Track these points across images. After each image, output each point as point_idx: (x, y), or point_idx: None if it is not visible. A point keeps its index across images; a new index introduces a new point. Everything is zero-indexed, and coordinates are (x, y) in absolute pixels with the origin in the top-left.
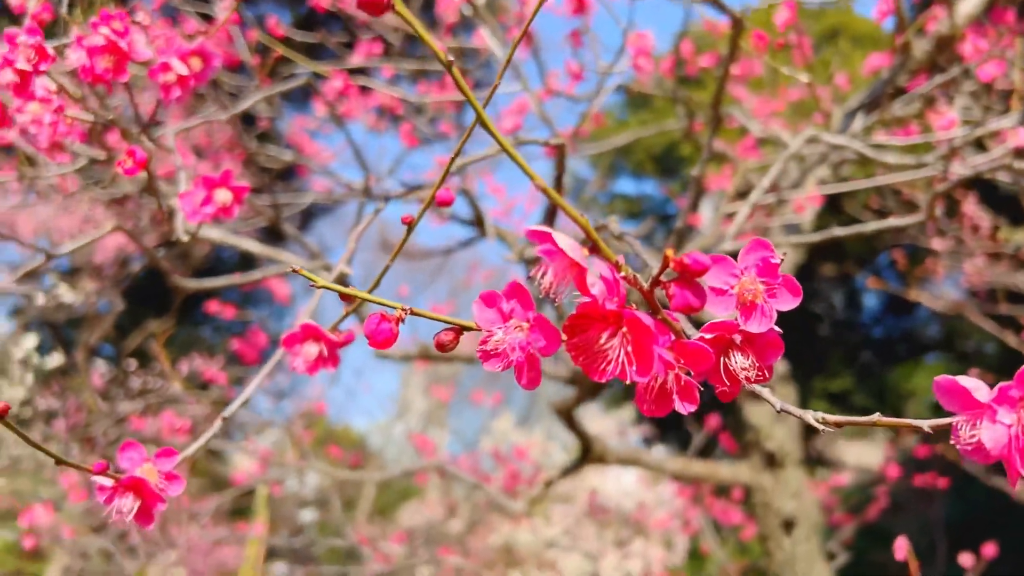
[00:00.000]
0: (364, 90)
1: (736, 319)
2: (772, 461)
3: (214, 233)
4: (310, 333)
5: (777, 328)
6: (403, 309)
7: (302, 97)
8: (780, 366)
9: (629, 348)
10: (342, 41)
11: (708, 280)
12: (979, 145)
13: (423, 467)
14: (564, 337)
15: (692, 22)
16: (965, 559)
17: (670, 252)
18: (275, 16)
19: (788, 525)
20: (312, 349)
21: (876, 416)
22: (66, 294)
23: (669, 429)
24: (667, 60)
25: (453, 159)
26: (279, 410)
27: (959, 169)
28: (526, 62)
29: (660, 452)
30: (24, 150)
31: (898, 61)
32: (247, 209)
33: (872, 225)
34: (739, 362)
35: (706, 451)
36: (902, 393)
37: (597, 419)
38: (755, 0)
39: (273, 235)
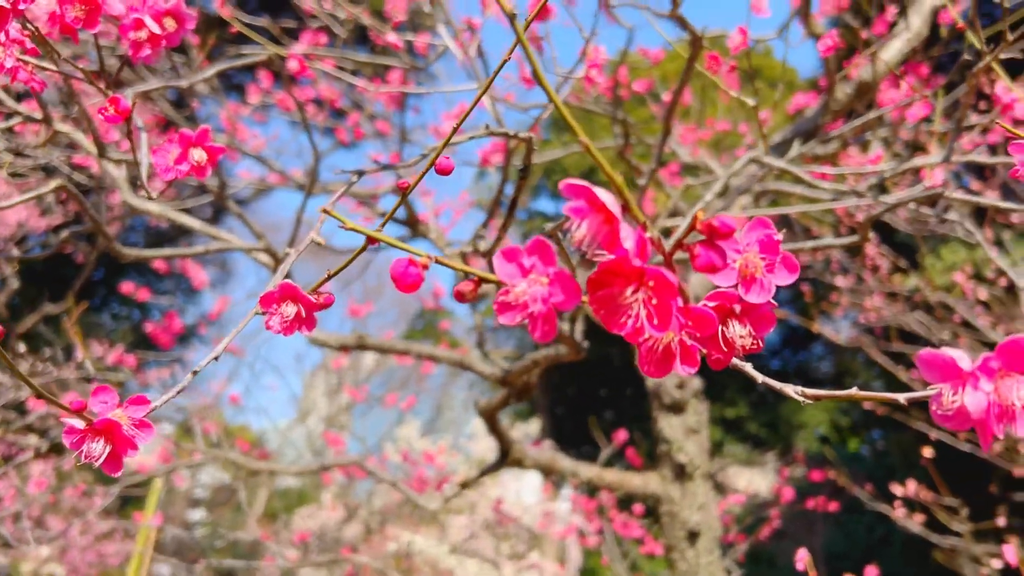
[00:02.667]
0: (291, 80)
1: (737, 290)
2: (682, 473)
3: (154, 207)
4: (288, 293)
5: (773, 301)
6: (428, 256)
7: (232, 84)
8: (696, 382)
9: (653, 303)
10: (287, 27)
11: None
12: (882, 188)
13: (341, 462)
14: (585, 291)
15: (627, 47)
16: None
17: (700, 214)
18: None
19: (693, 536)
20: (289, 309)
21: (854, 390)
22: None
23: (570, 445)
24: (606, 80)
25: (456, 127)
26: (173, 405)
27: (890, 199)
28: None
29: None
30: None
31: (822, 102)
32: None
33: (811, 243)
34: (737, 331)
35: (608, 466)
36: (794, 424)
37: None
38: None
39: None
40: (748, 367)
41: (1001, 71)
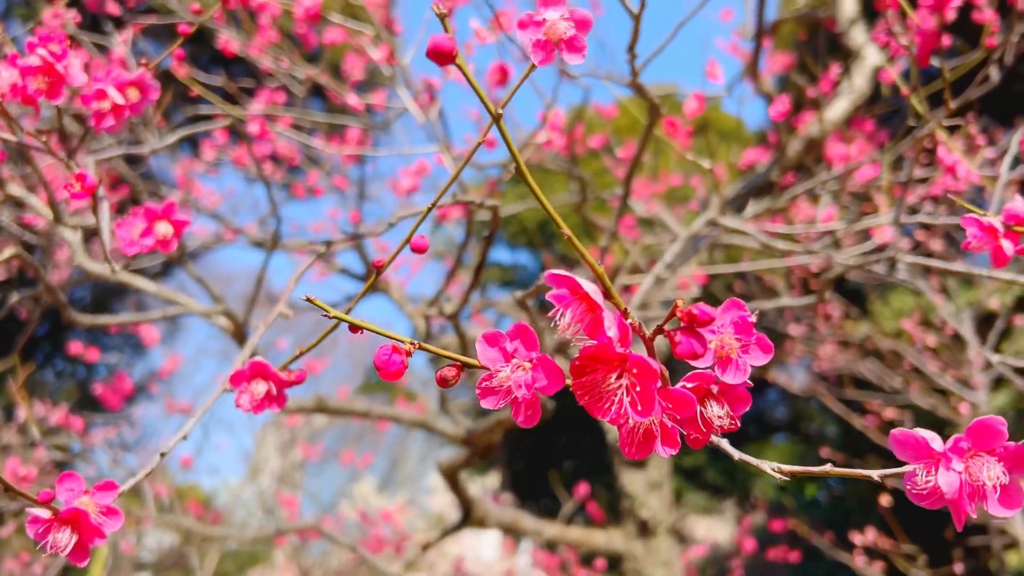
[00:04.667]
0: (243, 139)
1: (713, 371)
2: (645, 529)
3: (109, 270)
4: (258, 371)
5: (748, 381)
6: (412, 343)
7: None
8: None
9: (636, 389)
10: (244, 87)
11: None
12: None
13: (297, 526)
14: (570, 377)
15: (583, 105)
16: None
17: (680, 302)
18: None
19: None
20: (260, 388)
21: (828, 466)
22: None
23: (530, 498)
24: (563, 139)
25: (432, 206)
26: (121, 464)
27: (841, 258)
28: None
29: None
30: None
31: (773, 158)
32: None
33: (769, 303)
34: (715, 411)
35: (570, 520)
36: (751, 471)
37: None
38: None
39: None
40: (725, 443)
41: (944, 134)
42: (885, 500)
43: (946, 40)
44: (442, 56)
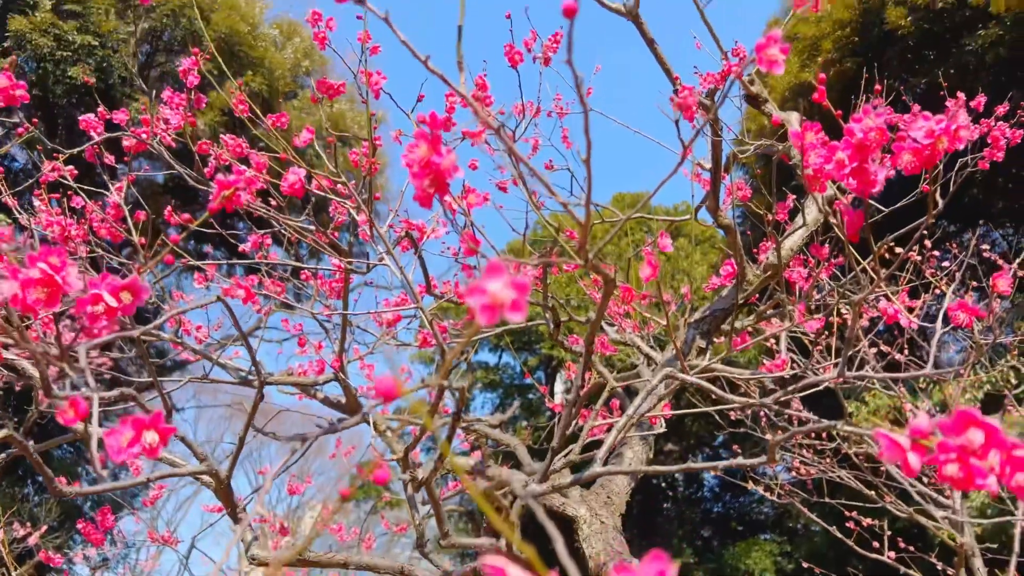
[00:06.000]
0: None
1: None
2: None
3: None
4: None
5: None
6: None
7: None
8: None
9: None
10: (233, 232)
11: None
12: (804, 352)
13: None
14: None
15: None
16: None
17: (596, 558)
18: (169, 205)
19: None
20: None
21: None
22: None
23: None
24: (535, 272)
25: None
26: None
27: (791, 411)
28: (409, 262)
29: None
30: None
31: (735, 284)
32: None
33: (723, 463)
34: None
35: None
36: (740, 570)
37: None
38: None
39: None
40: None
41: (887, 290)
42: None
43: (887, 176)
44: (387, 398)
